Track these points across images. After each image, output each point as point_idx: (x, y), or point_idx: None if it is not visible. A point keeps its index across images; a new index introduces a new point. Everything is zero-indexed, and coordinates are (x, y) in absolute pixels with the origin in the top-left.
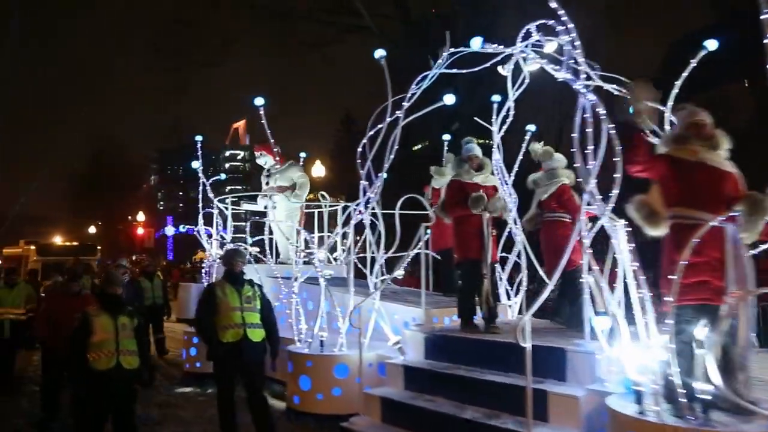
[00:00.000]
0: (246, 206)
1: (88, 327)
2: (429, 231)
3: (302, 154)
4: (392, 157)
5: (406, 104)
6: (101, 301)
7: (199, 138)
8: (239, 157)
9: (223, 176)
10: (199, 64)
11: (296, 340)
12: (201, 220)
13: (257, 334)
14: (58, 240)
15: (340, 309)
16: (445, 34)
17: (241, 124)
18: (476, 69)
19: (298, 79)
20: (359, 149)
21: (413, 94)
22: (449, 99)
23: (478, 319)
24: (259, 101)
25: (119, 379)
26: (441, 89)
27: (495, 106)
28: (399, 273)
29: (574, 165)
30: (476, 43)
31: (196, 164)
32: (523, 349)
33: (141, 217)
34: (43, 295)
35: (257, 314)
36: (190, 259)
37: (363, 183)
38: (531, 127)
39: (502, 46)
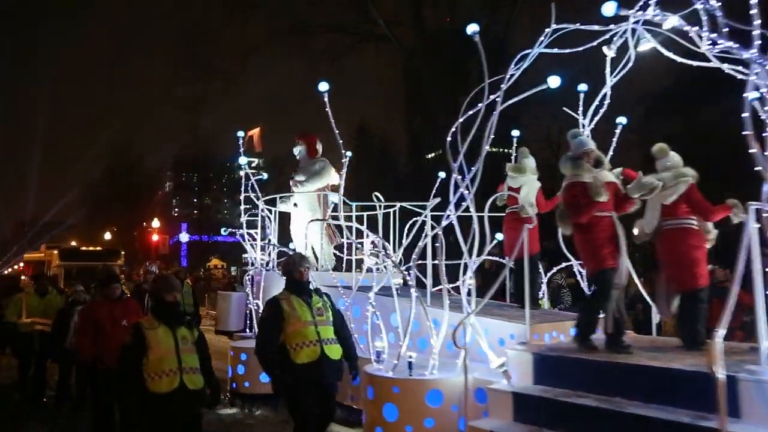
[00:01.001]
0: (282, 207)
1: (142, 342)
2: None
3: (348, 153)
4: (487, 147)
5: (504, 86)
6: (157, 311)
7: (240, 133)
8: (254, 165)
9: (265, 176)
10: (217, 73)
11: (373, 361)
12: (244, 223)
13: (335, 351)
14: (72, 243)
15: (433, 323)
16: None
17: (255, 132)
18: (580, 49)
19: (313, 90)
20: (448, 138)
21: (511, 76)
22: (554, 81)
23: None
24: (323, 86)
25: (182, 401)
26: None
27: (582, 95)
28: (470, 281)
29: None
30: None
31: (243, 160)
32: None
33: (156, 223)
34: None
35: (331, 328)
36: (204, 265)
37: (455, 177)
38: (621, 120)
39: (612, 25)
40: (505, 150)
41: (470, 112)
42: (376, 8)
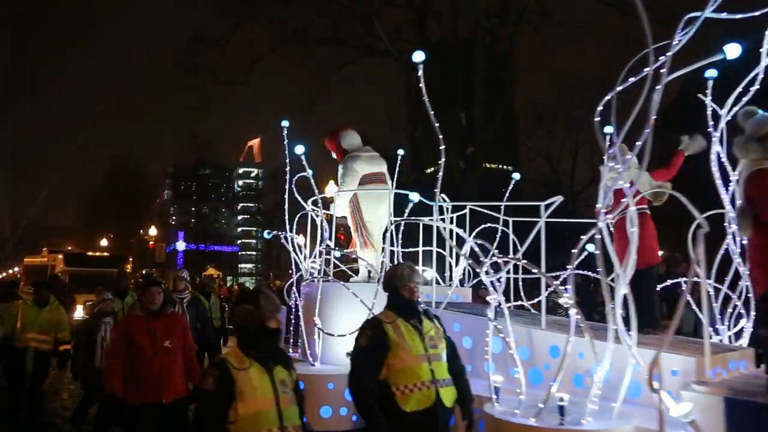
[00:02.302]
0: (338, 211)
1: (230, 389)
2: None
3: (400, 151)
4: (654, 116)
5: (670, 53)
6: (249, 342)
7: (285, 123)
8: (253, 175)
9: (310, 172)
10: (221, 81)
11: (494, 399)
12: (288, 226)
13: (450, 396)
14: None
15: (551, 351)
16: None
17: (255, 142)
18: (757, 13)
19: (317, 100)
20: (599, 108)
21: (679, 41)
22: (732, 50)
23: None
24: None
25: None
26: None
27: (710, 82)
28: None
29: None
30: None
31: (299, 149)
32: None
33: (153, 231)
34: (79, 314)
35: (445, 364)
36: (200, 275)
37: (613, 151)
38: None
39: None
40: (505, 167)
41: (631, 80)
42: (379, 21)
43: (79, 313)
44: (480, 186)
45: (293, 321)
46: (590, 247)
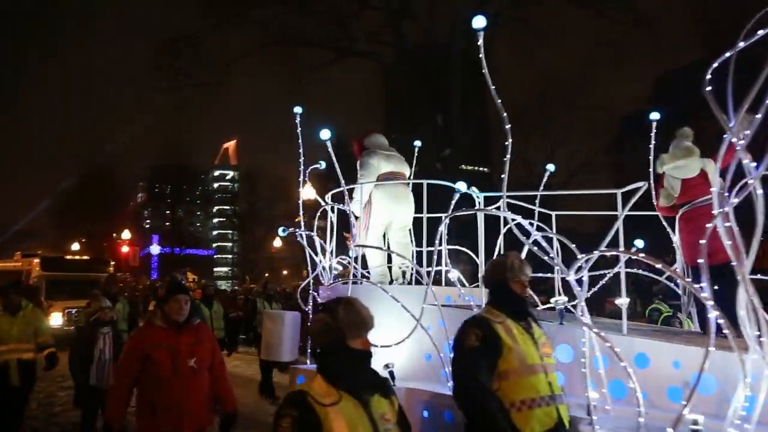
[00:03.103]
0: (355, 206)
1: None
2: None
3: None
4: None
5: None
6: (326, 367)
7: (298, 110)
8: (228, 177)
9: (323, 164)
10: (198, 83)
11: (593, 421)
12: (303, 222)
13: (566, 415)
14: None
15: (637, 360)
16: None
17: (231, 144)
18: None
19: (295, 102)
20: (708, 74)
21: None
22: None
23: None
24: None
25: None
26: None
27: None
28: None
29: None
30: None
31: (325, 134)
32: None
33: (126, 234)
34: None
35: (558, 376)
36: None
37: (735, 125)
38: None
39: None
40: (482, 168)
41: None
42: (357, 24)
43: (56, 320)
44: None
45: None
46: (639, 243)
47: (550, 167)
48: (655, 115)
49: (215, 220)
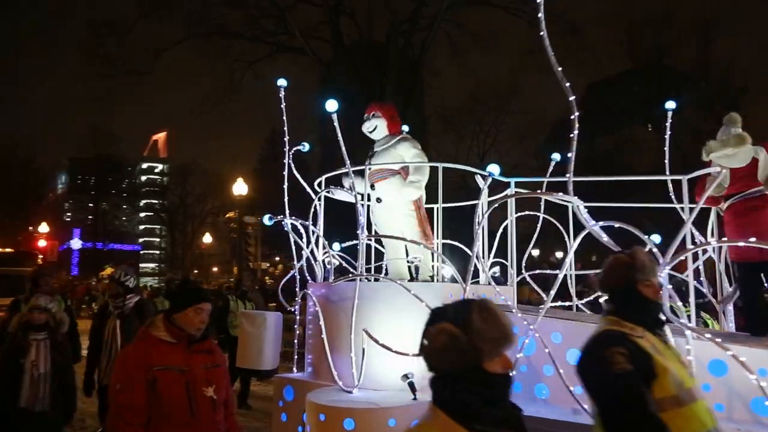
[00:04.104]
0: (339, 195)
1: None
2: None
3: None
4: None
5: None
6: (462, 403)
7: (282, 83)
8: (157, 170)
9: (306, 146)
10: (126, 72)
11: None
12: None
13: None
14: None
15: (715, 368)
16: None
17: (161, 136)
18: None
19: (226, 96)
20: None
21: None
22: None
23: None
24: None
25: None
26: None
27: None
28: None
29: None
30: None
31: (332, 105)
32: None
33: (44, 228)
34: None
35: None
36: (97, 275)
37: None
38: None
39: None
40: None
41: None
42: (294, 19)
43: None
44: None
45: (297, 332)
46: (656, 238)
47: (556, 156)
48: (670, 104)
49: (142, 215)
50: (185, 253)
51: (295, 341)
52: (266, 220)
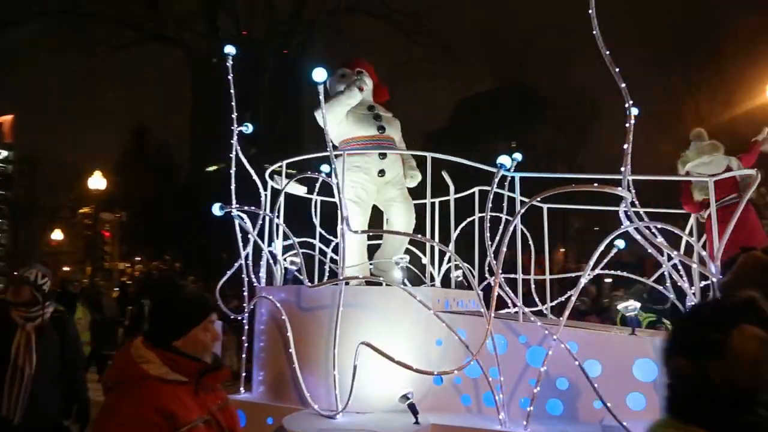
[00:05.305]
0: (293, 189)
1: None
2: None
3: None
4: None
5: None
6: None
7: (231, 50)
8: (2, 157)
9: (249, 126)
10: None
11: None
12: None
13: None
14: None
15: None
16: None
17: (7, 119)
18: None
19: (86, 84)
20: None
21: None
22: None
23: None
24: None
25: None
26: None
27: None
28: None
29: None
30: None
31: (320, 74)
32: None
33: None
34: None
35: None
36: None
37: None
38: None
39: None
40: (290, 170)
41: None
42: (167, 7)
43: None
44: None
45: (245, 343)
46: (619, 243)
47: (517, 156)
48: (634, 111)
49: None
50: (31, 251)
51: (243, 355)
52: (216, 209)
